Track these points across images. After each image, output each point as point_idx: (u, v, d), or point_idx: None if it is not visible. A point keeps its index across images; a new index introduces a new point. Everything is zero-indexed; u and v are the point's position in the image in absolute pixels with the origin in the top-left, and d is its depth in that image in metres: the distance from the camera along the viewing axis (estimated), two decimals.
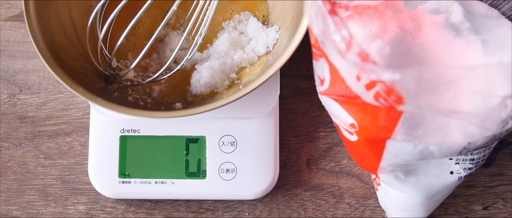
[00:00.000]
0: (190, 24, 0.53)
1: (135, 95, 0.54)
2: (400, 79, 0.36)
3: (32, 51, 0.60)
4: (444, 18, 0.45)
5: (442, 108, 0.38)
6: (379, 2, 0.45)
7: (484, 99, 0.38)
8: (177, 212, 0.58)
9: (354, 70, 0.39)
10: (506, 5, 0.49)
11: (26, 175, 0.58)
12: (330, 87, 0.44)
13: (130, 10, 0.55)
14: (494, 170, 0.59)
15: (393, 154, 0.45)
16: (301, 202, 0.58)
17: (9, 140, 0.59)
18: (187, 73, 0.56)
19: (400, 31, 0.44)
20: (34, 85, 0.60)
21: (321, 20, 0.39)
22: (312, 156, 0.59)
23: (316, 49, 0.45)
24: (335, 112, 0.46)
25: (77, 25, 0.54)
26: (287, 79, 0.60)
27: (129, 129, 0.56)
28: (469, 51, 0.44)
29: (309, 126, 0.59)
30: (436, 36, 0.44)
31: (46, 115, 0.59)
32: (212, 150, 0.56)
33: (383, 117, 0.41)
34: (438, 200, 0.52)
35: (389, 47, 0.42)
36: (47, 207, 0.58)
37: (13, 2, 0.61)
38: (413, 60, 0.43)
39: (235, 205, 0.58)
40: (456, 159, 0.48)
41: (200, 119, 0.56)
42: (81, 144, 0.59)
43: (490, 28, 0.48)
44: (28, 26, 0.48)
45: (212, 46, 0.56)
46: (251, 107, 0.56)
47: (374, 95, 0.39)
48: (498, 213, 0.58)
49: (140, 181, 0.55)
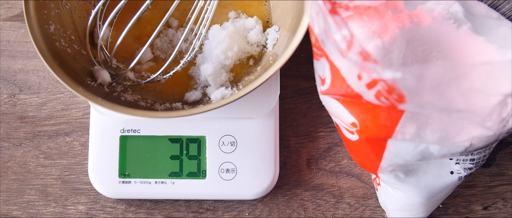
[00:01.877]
0: (190, 25, 0.54)
1: (135, 95, 0.54)
2: (401, 78, 0.36)
3: (32, 51, 0.60)
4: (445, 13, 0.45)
5: (443, 107, 0.38)
6: (379, 2, 0.45)
7: (485, 97, 0.38)
8: (177, 212, 0.58)
9: (355, 69, 0.39)
10: (506, 5, 0.49)
11: (26, 175, 0.58)
12: (331, 86, 0.44)
13: (131, 10, 0.55)
14: (494, 170, 0.59)
15: (394, 153, 0.45)
16: (301, 202, 0.58)
17: (9, 140, 0.59)
18: (187, 73, 0.56)
19: (400, 30, 0.44)
20: (34, 85, 0.60)
21: (322, 20, 0.39)
22: (312, 156, 0.59)
23: (316, 49, 0.45)
24: (336, 111, 0.46)
25: (78, 25, 0.54)
26: (287, 79, 0.60)
27: (129, 129, 0.56)
28: (471, 48, 0.44)
29: (309, 126, 0.59)
30: (437, 32, 0.45)
31: (46, 115, 0.59)
32: (212, 150, 0.56)
33: (384, 116, 0.41)
34: (438, 200, 0.52)
35: (389, 45, 0.42)
36: (47, 207, 0.58)
37: (13, 2, 0.61)
38: (414, 58, 0.44)
39: (235, 205, 0.58)
40: (457, 159, 0.48)
41: (200, 119, 0.56)
42: (81, 144, 0.59)
43: (491, 28, 0.48)
44: (28, 26, 0.48)
45: (211, 45, 0.56)
46: (251, 107, 0.56)
47: (375, 94, 0.39)
48: (498, 213, 0.58)
49: (140, 181, 0.55)
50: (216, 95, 0.52)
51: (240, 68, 0.56)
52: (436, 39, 0.45)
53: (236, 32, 0.55)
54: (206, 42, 0.55)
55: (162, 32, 0.57)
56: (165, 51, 0.57)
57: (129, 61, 0.55)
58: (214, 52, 0.54)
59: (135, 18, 0.50)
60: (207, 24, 0.54)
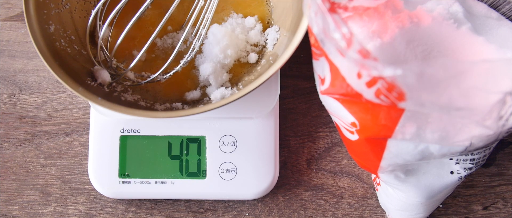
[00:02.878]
0: (190, 25, 0.54)
1: (135, 95, 0.54)
2: (401, 75, 0.36)
3: (32, 51, 0.60)
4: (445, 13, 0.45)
5: (443, 105, 0.38)
6: (379, 2, 0.45)
7: (485, 95, 0.38)
8: (177, 212, 0.58)
9: (354, 68, 0.39)
10: (506, 5, 0.49)
11: (26, 175, 0.58)
12: (331, 86, 0.44)
13: (131, 10, 0.55)
14: (494, 170, 0.59)
15: (394, 153, 0.45)
16: (301, 202, 0.58)
17: (9, 140, 0.59)
18: (187, 73, 0.56)
19: (400, 30, 0.44)
20: (34, 85, 0.60)
21: (321, 19, 0.39)
22: (312, 156, 0.59)
23: (316, 49, 0.45)
24: (335, 111, 0.46)
25: (78, 24, 0.54)
26: (287, 79, 0.60)
27: (129, 129, 0.56)
28: (471, 47, 0.44)
29: (309, 126, 0.59)
30: (437, 32, 0.45)
31: (46, 115, 0.59)
32: (212, 150, 0.56)
33: (384, 115, 0.41)
34: (438, 200, 0.52)
35: (389, 45, 0.42)
36: (47, 207, 0.58)
37: (13, 2, 0.61)
38: (414, 58, 0.44)
39: (235, 205, 0.58)
40: (457, 159, 0.48)
41: (200, 119, 0.56)
42: (81, 144, 0.59)
43: (491, 28, 0.48)
44: (28, 26, 0.48)
45: (211, 44, 0.56)
46: (251, 107, 0.56)
47: (375, 92, 0.39)
48: (498, 213, 0.58)
49: (140, 181, 0.55)
50: (216, 95, 0.52)
51: (240, 68, 0.56)
52: (436, 39, 0.45)
53: (235, 31, 0.55)
54: (205, 42, 0.55)
55: (162, 32, 0.57)
56: (165, 51, 0.57)
57: (129, 61, 0.55)
58: (213, 52, 0.54)
59: (135, 18, 0.50)
60: (207, 24, 0.54)
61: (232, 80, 0.55)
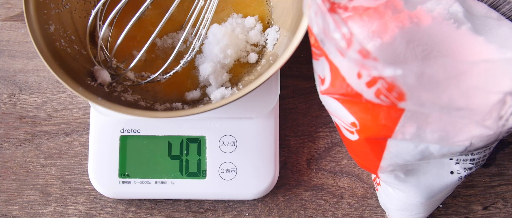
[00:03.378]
0: (190, 25, 0.54)
1: (135, 95, 0.54)
2: (401, 75, 0.36)
3: (32, 51, 0.60)
4: (445, 13, 0.45)
5: (443, 105, 0.38)
6: (379, 2, 0.45)
7: (485, 95, 0.38)
8: (177, 212, 0.58)
9: (354, 68, 0.39)
10: (506, 5, 0.49)
11: (26, 175, 0.58)
12: (331, 86, 0.44)
13: (131, 10, 0.55)
14: (494, 170, 0.59)
15: (394, 153, 0.45)
16: (301, 202, 0.58)
17: (9, 140, 0.59)
18: (187, 73, 0.56)
19: (400, 30, 0.44)
20: (34, 85, 0.60)
21: (321, 19, 0.39)
22: (312, 156, 0.59)
23: (316, 49, 0.45)
24: (335, 111, 0.46)
25: (78, 25, 0.54)
26: (287, 79, 0.60)
27: (129, 129, 0.56)
28: (471, 47, 0.44)
29: (309, 126, 0.59)
30: (437, 32, 0.45)
31: (46, 115, 0.59)
32: (212, 150, 0.56)
33: (384, 115, 0.41)
34: (438, 200, 0.52)
35: (389, 45, 0.42)
36: (47, 207, 0.58)
37: (13, 2, 0.61)
38: (414, 58, 0.44)
39: (235, 205, 0.58)
40: (457, 159, 0.48)
41: (200, 119, 0.56)
42: (81, 144, 0.59)
43: (491, 28, 0.48)
44: (28, 26, 0.48)
45: (211, 44, 0.56)
46: (251, 107, 0.56)
47: (375, 92, 0.39)
48: (498, 213, 0.58)
49: (140, 181, 0.55)
50: (216, 95, 0.52)
51: (240, 68, 0.56)
52: (436, 39, 0.45)
53: (235, 31, 0.55)
54: (205, 42, 0.55)
55: (162, 32, 0.57)
56: (165, 51, 0.57)
57: (129, 61, 0.55)
58: (213, 51, 0.54)
59: (135, 18, 0.50)
60: (207, 24, 0.54)
61: (232, 80, 0.55)
